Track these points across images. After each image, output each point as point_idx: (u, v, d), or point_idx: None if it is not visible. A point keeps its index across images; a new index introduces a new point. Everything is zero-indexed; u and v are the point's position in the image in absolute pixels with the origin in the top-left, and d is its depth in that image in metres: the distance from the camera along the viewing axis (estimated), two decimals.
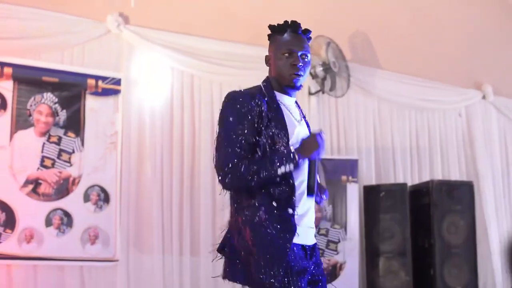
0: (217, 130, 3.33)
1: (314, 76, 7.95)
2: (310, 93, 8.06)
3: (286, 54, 3.36)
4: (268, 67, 3.53)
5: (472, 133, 9.52)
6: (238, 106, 3.23)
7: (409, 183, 8.28)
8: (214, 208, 7.37)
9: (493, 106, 9.81)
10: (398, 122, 8.87)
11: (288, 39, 3.41)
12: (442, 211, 7.89)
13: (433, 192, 7.88)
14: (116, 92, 7.01)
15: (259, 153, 3.20)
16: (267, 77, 3.49)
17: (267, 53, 3.53)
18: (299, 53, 3.38)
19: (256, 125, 3.21)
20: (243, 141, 3.18)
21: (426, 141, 9.11)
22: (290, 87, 3.41)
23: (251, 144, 3.20)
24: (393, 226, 7.71)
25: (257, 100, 3.24)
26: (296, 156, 3.12)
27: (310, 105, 8.08)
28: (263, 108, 3.23)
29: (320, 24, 8.18)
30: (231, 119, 3.22)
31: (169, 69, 7.38)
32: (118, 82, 7.02)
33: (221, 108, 3.34)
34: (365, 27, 8.60)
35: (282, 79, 3.39)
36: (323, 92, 8.07)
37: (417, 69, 8.95)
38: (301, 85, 3.43)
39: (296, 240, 3.17)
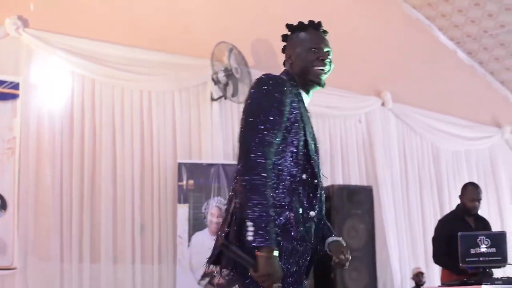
0: (245, 115, 3.01)
1: (216, 82, 7.98)
2: (212, 99, 8.07)
3: (314, 49, 3.23)
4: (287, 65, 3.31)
5: (371, 139, 9.72)
6: (275, 91, 3.01)
7: None
8: (115, 214, 7.31)
9: (391, 112, 10.04)
10: None
11: (314, 35, 3.31)
12: (342, 215, 8.03)
13: (334, 196, 8.01)
14: (14, 96, 6.86)
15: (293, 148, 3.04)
16: (287, 72, 3.28)
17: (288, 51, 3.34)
18: (325, 50, 3.27)
19: (286, 112, 3.01)
20: (275, 133, 2.95)
21: (327, 147, 9.24)
22: (315, 83, 3.23)
23: (281, 133, 2.99)
24: None
25: (290, 88, 3.09)
26: (260, 246, 2.79)
27: (212, 110, 8.09)
28: (294, 98, 3.09)
29: (223, 30, 8.22)
30: (265, 104, 2.98)
31: (69, 73, 7.27)
32: (16, 86, 6.87)
33: (252, 90, 3.07)
34: (267, 34, 8.65)
35: (309, 74, 3.21)
36: (225, 98, 8.10)
37: None
38: (324, 83, 3.26)
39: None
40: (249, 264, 2.81)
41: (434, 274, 9.22)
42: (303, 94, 3.24)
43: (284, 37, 3.41)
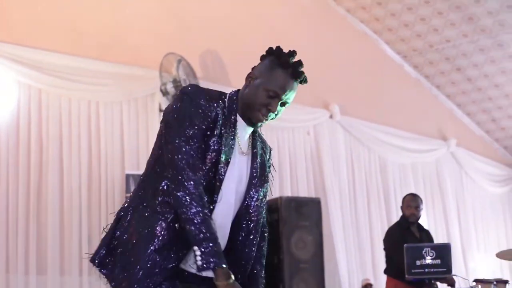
0: (163, 125, 2.95)
1: (164, 93, 7.94)
2: (161, 110, 8.02)
3: (271, 93, 2.96)
4: (246, 82, 3.10)
5: (320, 151, 9.78)
6: (193, 104, 2.89)
7: None
8: (62, 226, 7.22)
9: (339, 125, 10.12)
10: None
11: (283, 79, 2.98)
12: (290, 227, 8.04)
13: (282, 208, 8.01)
14: None
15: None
16: (237, 92, 3.09)
17: (252, 69, 3.12)
18: (282, 101, 3.01)
19: (205, 129, 2.89)
20: (194, 148, 2.85)
21: (275, 158, 9.25)
22: (248, 122, 3.04)
23: (200, 148, 2.88)
24: None
25: (216, 105, 2.94)
26: (211, 265, 2.72)
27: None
28: (218, 118, 2.93)
29: (171, 41, 8.21)
30: (182, 117, 2.87)
31: (15, 83, 7.16)
32: None
33: (173, 100, 2.98)
34: (216, 46, 8.68)
35: (248, 111, 3.00)
36: None
37: None
38: (260, 126, 3.10)
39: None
40: None
41: (382, 285, 9.28)
42: (241, 122, 3.05)
43: (263, 56, 3.13)
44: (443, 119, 12.02)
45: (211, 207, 2.91)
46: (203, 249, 2.71)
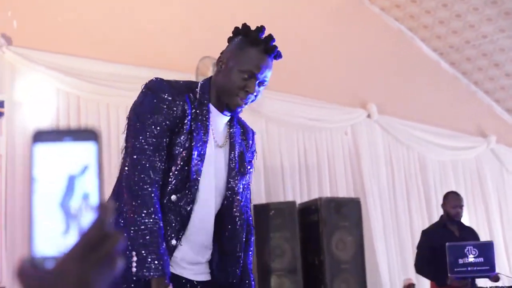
0: (127, 117, 2.93)
1: None
2: None
3: (246, 74, 2.83)
4: (217, 68, 3.00)
5: (358, 151, 9.74)
6: (155, 100, 2.78)
7: (299, 201, 8.38)
8: None
9: (377, 124, 10.07)
10: (287, 141, 8.97)
11: (256, 58, 2.87)
12: (330, 228, 8.01)
13: (322, 209, 7.99)
14: None
15: (178, 162, 2.76)
16: (209, 79, 2.99)
17: (221, 53, 3.02)
18: (259, 80, 2.86)
19: (170, 125, 2.77)
20: (154, 143, 2.75)
21: (314, 159, 9.25)
22: (227, 109, 2.91)
23: (163, 146, 2.76)
24: (283, 244, 7.77)
25: (182, 100, 2.80)
26: (145, 273, 2.55)
27: None
28: (187, 113, 2.79)
29: (206, 45, 8.22)
30: (144, 114, 2.80)
31: (54, 90, 7.24)
32: (1, 104, 6.84)
33: (138, 96, 2.89)
34: None
35: (225, 97, 2.87)
36: None
37: (304, 89, 9.12)
38: (240, 111, 2.95)
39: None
40: None
41: (425, 285, 9.22)
42: (216, 112, 2.93)
43: (230, 38, 3.05)
44: (482, 115, 11.89)
45: (188, 208, 2.79)
46: (145, 254, 2.56)
